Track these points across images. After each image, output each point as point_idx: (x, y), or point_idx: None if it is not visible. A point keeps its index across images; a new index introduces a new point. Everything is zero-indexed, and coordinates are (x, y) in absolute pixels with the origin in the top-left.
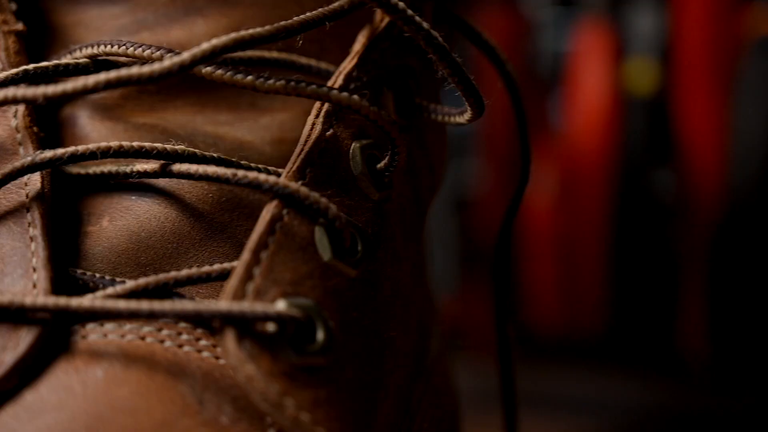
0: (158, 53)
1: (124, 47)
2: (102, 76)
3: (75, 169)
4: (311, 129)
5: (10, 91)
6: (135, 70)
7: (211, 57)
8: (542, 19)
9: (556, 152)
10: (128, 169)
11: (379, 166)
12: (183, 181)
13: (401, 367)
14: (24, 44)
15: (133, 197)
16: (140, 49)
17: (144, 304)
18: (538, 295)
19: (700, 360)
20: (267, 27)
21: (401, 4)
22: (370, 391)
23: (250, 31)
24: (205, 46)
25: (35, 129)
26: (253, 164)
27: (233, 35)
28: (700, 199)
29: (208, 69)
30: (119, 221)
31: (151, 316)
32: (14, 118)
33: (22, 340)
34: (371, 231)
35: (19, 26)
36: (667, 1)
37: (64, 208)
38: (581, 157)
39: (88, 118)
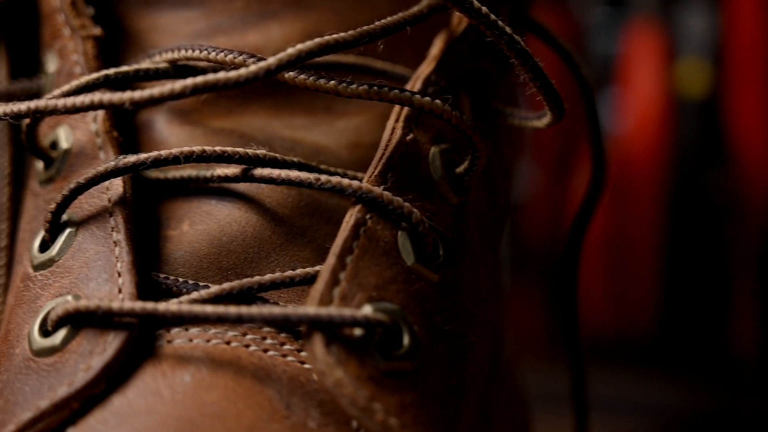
0: (240, 58)
1: (205, 52)
2: (189, 82)
3: (154, 174)
4: (391, 133)
5: (96, 96)
6: (221, 75)
7: (296, 62)
8: (592, 20)
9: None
10: (208, 174)
11: (458, 170)
12: (262, 185)
13: (481, 371)
14: (100, 49)
15: (213, 201)
16: (222, 53)
17: (231, 309)
18: (588, 297)
19: (751, 363)
20: (350, 32)
21: (484, 9)
22: (453, 396)
23: (335, 36)
24: (291, 51)
25: (115, 134)
26: (332, 168)
27: (318, 40)
28: (753, 200)
29: (291, 74)
30: (200, 225)
31: (238, 321)
32: (94, 122)
33: (109, 344)
34: (451, 235)
35: (97, 31)
36: (720, 1)
37: (143, 212)
38: (633, 159)
39: (166, 123)
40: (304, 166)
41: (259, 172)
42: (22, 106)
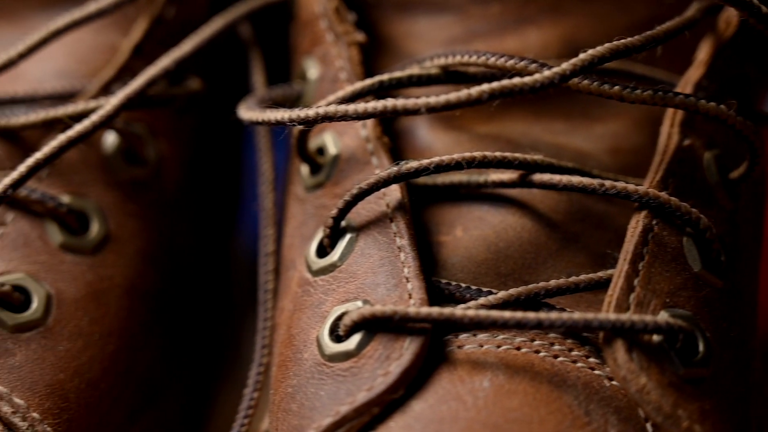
0: (522, 63)
1: (483, 57)
2: (485, 87)
3: (421, 179)
4: (668, 139)
5: (389, 103)
6: (517, 81)
7: (589, 67)
8: None
9: None
10: (481, 179)
11: (732, 175)
12: (534, 191)
13: (758, 380)
14: (363, 55)
15: (485, 207)
16: (501, 59)
17: (530, 315)
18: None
19: None
20: (637, 37)
21: None
22: (743, 404)
23: (623, 41)
24: (584, 56)
25: (385, 139)
26: (603, 174)
27: (608, 45)
28: None
29: (575, 79)
30: (474, 231)
31: (538, 327)
32: (363, 128)
33: (406, 350)
34: (728, 241)
35: (360, 37)
36: None
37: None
38: None
39: (428, 129)
40: (582, 171)
41: (539, 177)
42: (310, 112)
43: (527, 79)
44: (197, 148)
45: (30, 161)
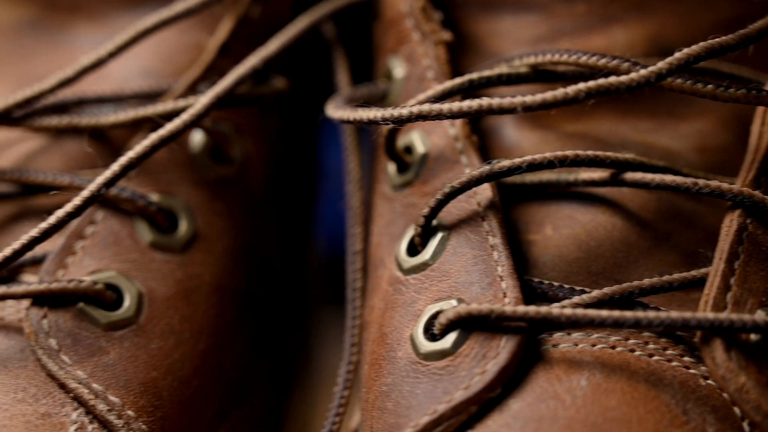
0: (614, 62)
1: (575, 56)
2: (582, 86)
3: (509, 178)
4: (759, 138)
5: (485, 101)
6: (613, 79)
7: (685, 66)
8: None
9: None
10: (571, 178)
11: None
12: (624, 189)
13: None
14: (450, 54)
15: (573, 206)
16: (593, 58)
17: (628, 314)
18: None
19: None
20: (731, 36)
21: None
22: None
23: (717, 39)
24: (679, 55)
25: (474, 138)
26: (693, 172)
27: (703, 44)
28: None
29: (668, 78)
30: (564, 230)
31: (636, 326)
32: (452, 127)
33: (503, 348)
34: None
35: (447, 36)
36: None
37: None
38: None
39: (515, 128)
40: (673, 170)
41: (631, 176)
42: (404, 111)
43: (623, 78)
44: (280, 146)
45: (123, 160)
